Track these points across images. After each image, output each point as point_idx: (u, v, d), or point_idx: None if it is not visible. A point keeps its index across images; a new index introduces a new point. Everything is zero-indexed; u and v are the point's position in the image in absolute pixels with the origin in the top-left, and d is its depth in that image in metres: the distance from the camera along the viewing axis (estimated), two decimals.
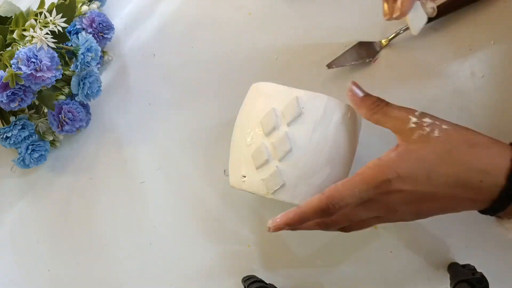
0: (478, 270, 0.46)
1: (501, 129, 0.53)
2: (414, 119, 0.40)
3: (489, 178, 0.37)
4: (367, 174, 0.39)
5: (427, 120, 0.39)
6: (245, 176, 0.45)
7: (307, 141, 0.43)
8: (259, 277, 0.50)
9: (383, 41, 0.55)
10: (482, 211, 0.40)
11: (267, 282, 0.49)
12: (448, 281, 0.48)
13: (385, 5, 0.44)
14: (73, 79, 0.54)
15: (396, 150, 0.40)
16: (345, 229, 0.44)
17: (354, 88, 0.43)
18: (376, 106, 0.42)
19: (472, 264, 0.48)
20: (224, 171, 0.55)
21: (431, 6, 0.42)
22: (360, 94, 0.43)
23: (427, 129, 0.39)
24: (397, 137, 0.41)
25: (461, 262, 0.49)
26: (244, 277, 0.51)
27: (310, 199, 0.40)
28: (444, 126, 0.39)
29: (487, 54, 0.55)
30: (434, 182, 0.38)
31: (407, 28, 0.54)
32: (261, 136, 0.44)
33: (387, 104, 0.42)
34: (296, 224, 0.40)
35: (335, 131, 0.44)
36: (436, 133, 0.39)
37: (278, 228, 0.40)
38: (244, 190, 0.45)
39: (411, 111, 0.41)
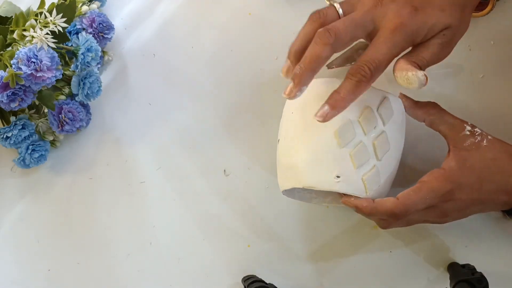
0: (478, 270, 0.46)
1: (501, 129, 0.53)
2: (468, 128, 0.44)
3: None
4: (435, 183, 0.41)
5: (477, 130, 0.43)
6: (339, 177, 0.43)
7: (397, 141, 0.45)
8: (259, 276, 0.50)
9: None
10: (507, 211, 0.46)
11: (267, 282, 0.49)
12: (448, 281, 0.48)
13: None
14: (73, 79, 0.54)
15: (453, 158, 0.43)
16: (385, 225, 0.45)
17: (405, 97, 0.47)
18: (433, 108, 0.45)
19: (471, 264, 0.48)
20: (224, 170, 0.55)
21: (422, 74, 0.42)
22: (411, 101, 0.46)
23: (478, 137, 0.43)
24: (448, 141, 0.44)
25: (461, 262, 0.49)
26: (244, 277, 0.51)
27: (384, 200, 0.42)
28: (489, 137, 0.43)
29: (487, 54, 0.55)
30: (484, 189, 0.42)
31: None
32: (360, 135, 0.43)
33: (444, 109, 0.45)
34: (362, 212, 0.42)
35: (402, 128, 0.46)
36: (485, 142, 0.43)
37: (348, 203, 0.43)
38: (330, 190, 0.44)
39: (463, 120, 0.44)
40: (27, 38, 0.50)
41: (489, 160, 0.42)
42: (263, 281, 0.49)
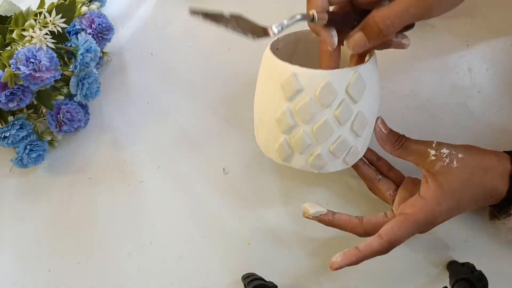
0: (477, 268, 0.46)
1: (498, 124, 0.53)
2: (432, 152, 0.44)
3: (497, 192, 0.43)
4: (419, 215, 0.42)
5: (444, 150, 0.44)
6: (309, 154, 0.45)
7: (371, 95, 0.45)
8: (259, 274, 0.50)
9: None
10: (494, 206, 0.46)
11: (267, 280, 0.49)
12: (448, 279, 0.48)
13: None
14: (72, 79, 0.54)
15: (431, 186, 0.43)
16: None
17: (380, 125, 0.47)
18: (398, 142, 0.46)
19: (471, 262, 0.48)
20: (223, 169, 0.56)
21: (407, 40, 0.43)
22: (385, 131, 0.46)
23: (446, 160, 0.43)
24: (420, 168, 0.45)
25: (460, 260, 0.50)
26: (244, 275, 0.51)
27: (369, 243, 0.43)
28: (460, 155, 0.43)
29: (485, 50, 0.55)
30: (462, 206, 0.43)
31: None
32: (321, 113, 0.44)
33: (407, 139, 0.46)
34: (354, 264, 0.43)
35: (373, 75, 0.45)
36: (454, 163, 0.43)
37: (339, 268, 0.43)
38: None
39: (428, 144, 0.45)
40: (26, 38, 0.50)
41: (464, 180, 0.43)
42: (263, 279, 0.49)
